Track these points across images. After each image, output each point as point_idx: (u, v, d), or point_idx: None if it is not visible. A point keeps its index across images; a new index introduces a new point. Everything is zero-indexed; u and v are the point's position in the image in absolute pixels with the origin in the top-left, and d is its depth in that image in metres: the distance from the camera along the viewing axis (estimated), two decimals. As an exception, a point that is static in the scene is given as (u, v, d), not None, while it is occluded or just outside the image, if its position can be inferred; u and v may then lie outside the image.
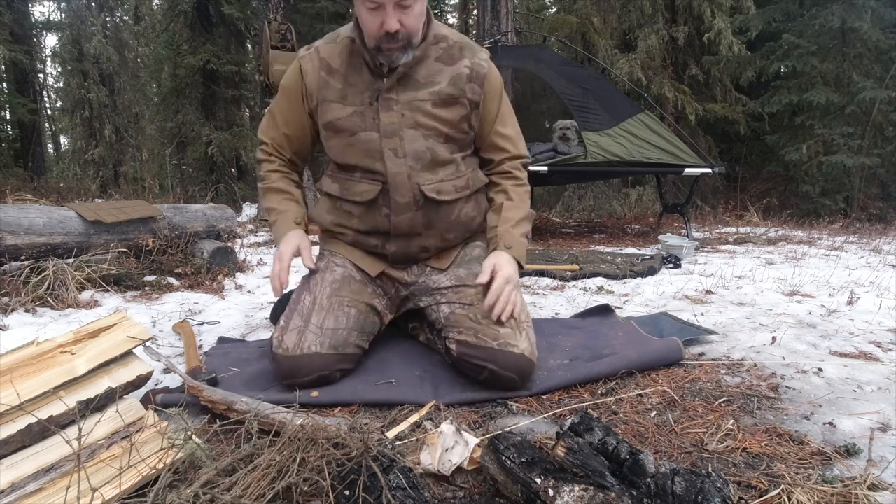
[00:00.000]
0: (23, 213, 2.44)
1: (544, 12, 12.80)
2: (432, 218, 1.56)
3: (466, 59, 1.54)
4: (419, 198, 1.52)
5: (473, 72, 1.53)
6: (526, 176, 1.67)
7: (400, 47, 1.41)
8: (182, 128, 8.83)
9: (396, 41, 1.39)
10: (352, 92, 1.51)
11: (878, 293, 2.46)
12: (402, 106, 1.49)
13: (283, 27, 5.60)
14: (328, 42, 1.56)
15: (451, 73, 1.52)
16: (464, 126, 1.55)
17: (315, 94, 1.53)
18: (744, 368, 1.57)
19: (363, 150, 1.51)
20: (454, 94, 1.52)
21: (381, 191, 1.52)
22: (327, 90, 1.52)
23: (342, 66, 1.52)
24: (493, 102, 1.58)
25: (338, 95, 1.51)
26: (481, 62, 1.56)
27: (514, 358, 1.39)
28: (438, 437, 1.06)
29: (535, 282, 2.89)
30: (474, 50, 1.58)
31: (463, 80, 1.52)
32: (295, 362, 1.43)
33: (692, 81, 8.79)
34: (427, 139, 1.50)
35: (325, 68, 1.52)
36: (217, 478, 0.93)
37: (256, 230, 5.14)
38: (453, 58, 1.53)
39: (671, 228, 5.39)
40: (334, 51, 1.53)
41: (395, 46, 1.40)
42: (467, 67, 1.53)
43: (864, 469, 1.05)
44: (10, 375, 0.97)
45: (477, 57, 1.56)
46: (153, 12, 13.24)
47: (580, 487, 0.88)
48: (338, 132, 1.53)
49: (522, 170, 1.67)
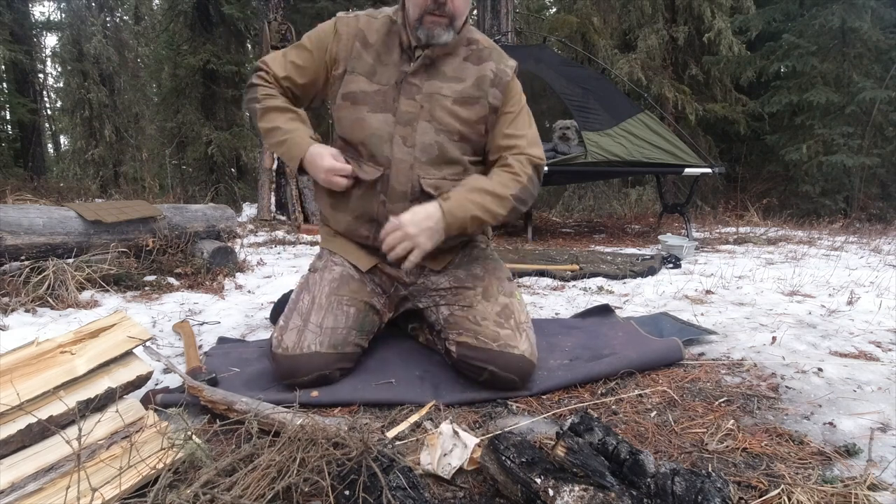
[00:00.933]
0: (23, 213, 2.44)
1: (544, 12, 12.80)
2: None
3: (493, 63, 1.55)
4: (416, 190, 1.51)
5: (497, 77, 1.54)
6: (528, 172, 1.52)
7: (444, 23, 1.42)
8: (182, 128, 8.83)
9: (442, 13, 1.41)
10: (381, 70, 1.51)
11: (878, 293, 2.46)
12: (424, 97, 1.50)
13: (283, 27, 5.61)
14: (369, 15, 1.56)
15: (476, 72, 1.53)
16: (480, 128, 1.54)
17: (343, 61, 1.52)
18: (744, 368, 1.57)
19: (373, 130, 1.49)
20: (476, 95, 1.52)
21: (382, 176, 1.52)
22: (358, 62, 1.51)
23: (378, 42, 1.52)
24: (512, 109, 1.57)
25: (367, 70, 1.51)
26: (506, 69, 1.56)
27: (515, 359, 1.39)
28: (438, 437, 1.06)
29: (535, 282, 2.89)
30: (502, 56, 1.58)
31: (487, 82, 1.53)
32: (294, 361, 1.43)
33: (692, 81, 8.79)
34: (439, 134, 1.50)
35: (360, 38, 1.52)
36: (217, 478, 0.93)
37: (256, 230, 5.14)
38: (481, 59, 1.55)
39: (671, 228, 5.39)
40: (373, 25, 1.54)
41: (440, 20, 1.42)
42: (492, 71, 1.54)
43: (864, 469, 1.05)
44: (10, 375, 0.97)
45: (503, 63, 1.56)
46: (153, 12, 13.24)
47: (580, 487, 0.88)
48: (355, 104, 1.51)
49: (525, 164, 1.52)
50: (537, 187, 1.57)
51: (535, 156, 1.55)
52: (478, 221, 1.46)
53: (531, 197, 1.55)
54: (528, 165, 1.53)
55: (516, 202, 1.50)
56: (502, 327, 1.44)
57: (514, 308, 1.51)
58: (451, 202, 1.42)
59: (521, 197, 1.51)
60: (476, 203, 1.44)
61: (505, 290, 1.56)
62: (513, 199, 1.49)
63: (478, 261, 1.63)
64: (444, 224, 1.41)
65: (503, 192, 1.48)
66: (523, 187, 1.51)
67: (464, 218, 1.43)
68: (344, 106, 1.53)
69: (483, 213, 1.45)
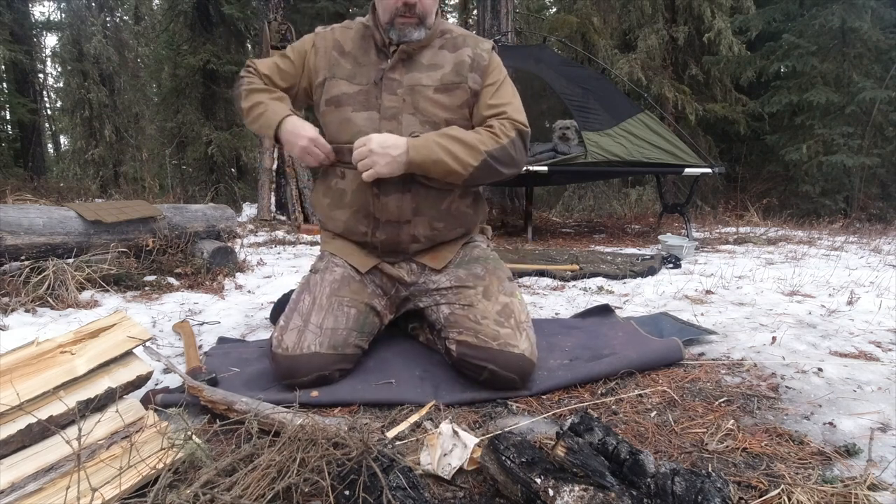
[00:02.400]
0: (23, 213, 2.44)
1: (544, 12, 12.79)
2: (421, 204, 1.56)
3: (469, 49, 1.59)
4: (407, 179, 1.52)
5: (475, 62, 1.57)
6: (511, 135, 1.50)
7: (414, 23, 1.49)
8: (182, 128, 8.83)
9: (412, 15, 1.47)
10: (360, 72, 1.56)
11: (878, 293, 2.46)
12: (405, 90, 1.53)
13: (283, 27, 5.61)
14: (344, 27, 1.64)
15: (454, 59, 1.56)
16: (464, 112, 1.58)
17: (322, 70, 1.59)
18: (744, 368, 1.57)
19: (359, 128, 1.53)
20: (456, 81, 1.55)
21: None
22: (338, 68, 1.57)
23: (353, 48, 1.59)
24: (493, 81, 1.58)
25: (347, 74, 1.57)
26: (482, 52, 1.59)
27: (515, 358, 1.40)
28: (438, 437, 1.06)
29: (535, 282, 2.89)
30: (477, 41, 1.62)
31: (465, 67, 1.56)
32: (294, 362, 1.43)
33: (692, 81, 8.79)
34: (424, 126, 1.53)
35: (337, 48, 1.59)
36: (217, 478, 0.93)
37: (256, 230, 5.14)
38: (456, 46, 1.59)
39: (671, 228, 5.39)
40: (347, 34, 1.61)
41: (410, 21, 1.48)
42: (469, 56, 1.57)
43: (864, 469, 1.05)
44: (10, 375, 0.97)
45: (479, 47, 1.60)
46: (153, 12, 13.23)
47: (580, 487, 0.88)
48: (339, 106, 1.56)
49: (508, 127, 1.51)
50: (521, 154, 1.55)
51: (520, 121, 1.54)
52: (443, 166, 1.45)
53: (512, 161, 1.53)
54: (512, 129, 1.52)
55: (491, 160, 1.48)
56: (503, 326, 1.44)
57: (515, 307, 1.51)
58: (419, 140, 1.46)
59: (498, 157, 1.49)
60: (443, 147, 1.45)
61: (506, 289, 1.56)
62: (486, 155, 1.47)
63: (478, 260, 1.63)
64: (407, 158, 1.44)
65: (476, 145, 1.47)
66: (501, 147, 1.49)
67: (427, 157, 1.44)
68: (329, 111, 1.59)
69: (449, 159, 1.45)
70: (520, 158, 1.55)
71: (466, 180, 1.51)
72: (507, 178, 1.60)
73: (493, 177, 1.54)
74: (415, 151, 1.44)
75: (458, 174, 1.48)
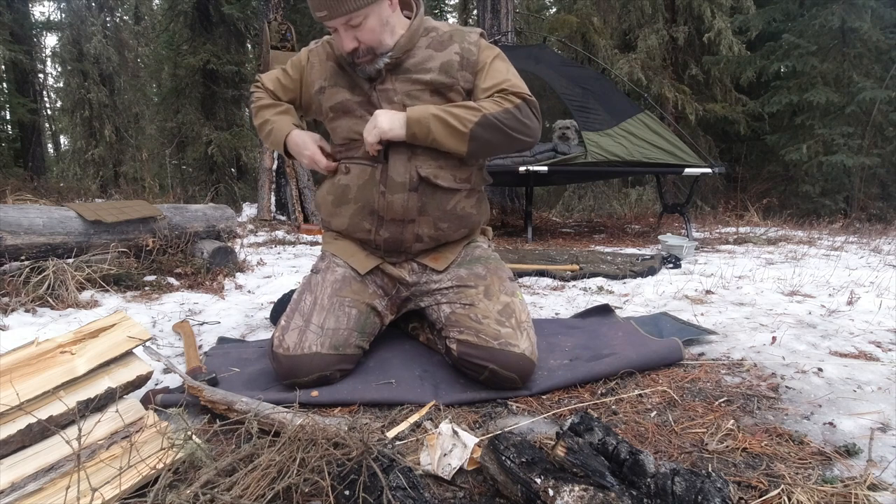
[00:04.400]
0: (23, 213, 2.44)
1: (544, 12, 12.80)
2: (427, 203, 1.55)
3: (456, 45, 1.55)
4: (415, 179, 1.52)
5: (464, 59, 1.54)
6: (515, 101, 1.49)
7: (367, 60, 1.49)
8: (182, 128, 8.83)
9: (361, 55, 1.48)
10: (359, 81, 1.57)
11: (878, 293, 2.46)
12: (402, 96, 1.53)
13: (283, 27, 5.61)
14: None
15: (441, 59, 1.53)
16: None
17: (318, 80, 1.61)
18: (744, 368, 1.57)
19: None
20: (447, 83, 1.53)
21: (381, 168, 1.53)
22: (338, 77, 1.59)
23: (346, 61, 1.58)
24: (485, 62, 1.56)
25: (348, 83, 1.58)
26: (470, 46, 1.55)
27: (515, 357, 1.40)
28: (438, 437, 1.06)
29: (535, 282, 2.89)
30: (464, 34, 1.58)
31: (454, 67, 1.53)
32: (295, 362, 1.43)
33: (692, 81, 8.80)
34: None
35: (333, 59, 1.60)
36: (217, 478, 0.93)
37: (256, 230, 5.14)
38: (443, 44, 1.55)
39: (671, 228, 5.39)
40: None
41: (363, 60, 1.49)
42: (457, 54, 1.54)
43: (864, 469, 1.05)
44: (10, 375, 0.97)
45: (466, 41, 1.56)
46: (153, 12, 13.23)
47: (580, 487, 0.88)
48: (345, 112, 1.58)
49: (511, 96, 1.50)
50: (532, 120, 1.51)
51: (520, 91, 1.51)
52: (443, 122, 1.45)
53: (523, 126, 1.49)
54: (515, 97, 1.50)
55: (494, 119, 1.46)
56: (503, 326, 1.44)
57: (516, 307, 1.51)
58: (415, 107, 1.49)
59: (502, 119, 1.46)
60: (441, 108, 1.47)
61: (507, 289, 1.56)
62: (486, 113, 1.45)
63: (480, 260, 1.63)
64: (406, 118, 1.46)
65: (475, 107, 1.47)
66: (505, 110, 1.47)
67: (423, 114, 1.46)
68: (335, 117, 1.60)
69: (446, 115, 1.45)
70: (532, 125, 1.51)
71: (470, 142, 1.46)
72: (523, 146, 1.55)
73: (503, 141, 1.50)
74: (411, 112, 1.47)
75: (459, 132, 1.45)
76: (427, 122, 1.46)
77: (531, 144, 1.58)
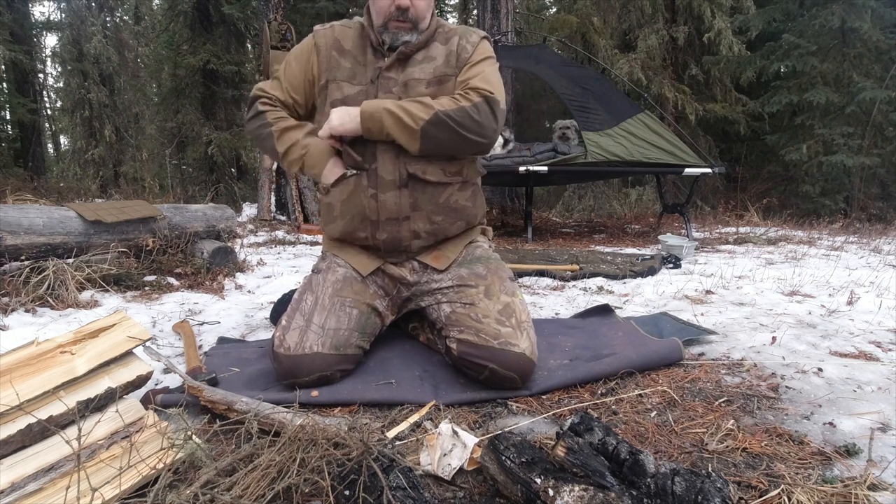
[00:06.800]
0: (23, 213, 2.44)
1: (544, 12, 12.80)
2: (419, 198, 1.56)
3: (458, 38, 1.60)
4: (404, 176, 1.53)
5: (460, 54, 1.59)
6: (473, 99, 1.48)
7: (407, 27, 1.51)
8: (182, 128, 8.83)
9: (405, 20, 1.50)
10: (360, 71, 1.58)
11: (878, 293, 2.46)
12: (400, 87, 1.55)
13: (283, 27, 5.61)
14: (344, 25, 1.65)
15: (445, 50, 1.59)
16: None
17: (324, 73, 1.60)
18: (744, 368, 1.57)
19: None
20: (447, 73, 1.57)
21: (369, 170, 1.54)
22: (338, 70, 1.59)
23: (353, 47, 1.60)
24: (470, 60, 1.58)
25: (347, 75, 1.58)
26: (467, 45, 1.60)
27: (515, 357, 1.40)
28: (437, 437, 1.06)
29: (535, 282, 2.89)
30: (468, 33, 1.63)
31: (454, 58, 1.58)
32: (296, 362, 1.43)
33: (692, 81, 8.79)
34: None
35: (336, 48, 1.60)
36: (217, 478, 0.93)
37: (256, 230, 5.14)
38: (448, 38, 1.61)
39: (671, 228, 5.39)
40: (347, 33, 1.62)
41: (403, 25, 1.51)
42: (457, 47, 1.60)
43: (864, 469, 1.05)
44: (10, 375, 0.97)
45: (465, 39, 1.61)
46: (153, 12, 13.23)
47: (580, 487, 0.88)
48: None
49: (471, 93, 1.49)
50: (488, 119, 1.49)
51: (483, 88, 1.50)
52: (394, 117, 1.45)
53: (476, 125, 1.47)
54: (475, 95, 1.49)
55: (446, 117, 1.44)
56: (503, 325, 1.44)
57: (516, 307, 1.51)
58: (370, 101, 1.50)
59: (456, 118, 1.45)
60: (396, 104, 1.47)
61: (507, 289, 1.56)
62: (438, 111, 1.44)
63: (480, 260, 1.63)
64: (358, 112, 1.48)
65: (430, 104, 1.46)
66: (459, 108, 1.46)
67: (377, 109, 1.46)
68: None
69: (399, 111, 1.45)
70: (486, 123, 1.49)
71: (422, 139, 1.45)
72: (477, 148, 1.53)
73: (455, 141, 1.48)
74: (364, 106, 1.48)
75: (410, 129, 1.45)
76: (380, 117, 1.46)
77: (486, 147, 1.54)
